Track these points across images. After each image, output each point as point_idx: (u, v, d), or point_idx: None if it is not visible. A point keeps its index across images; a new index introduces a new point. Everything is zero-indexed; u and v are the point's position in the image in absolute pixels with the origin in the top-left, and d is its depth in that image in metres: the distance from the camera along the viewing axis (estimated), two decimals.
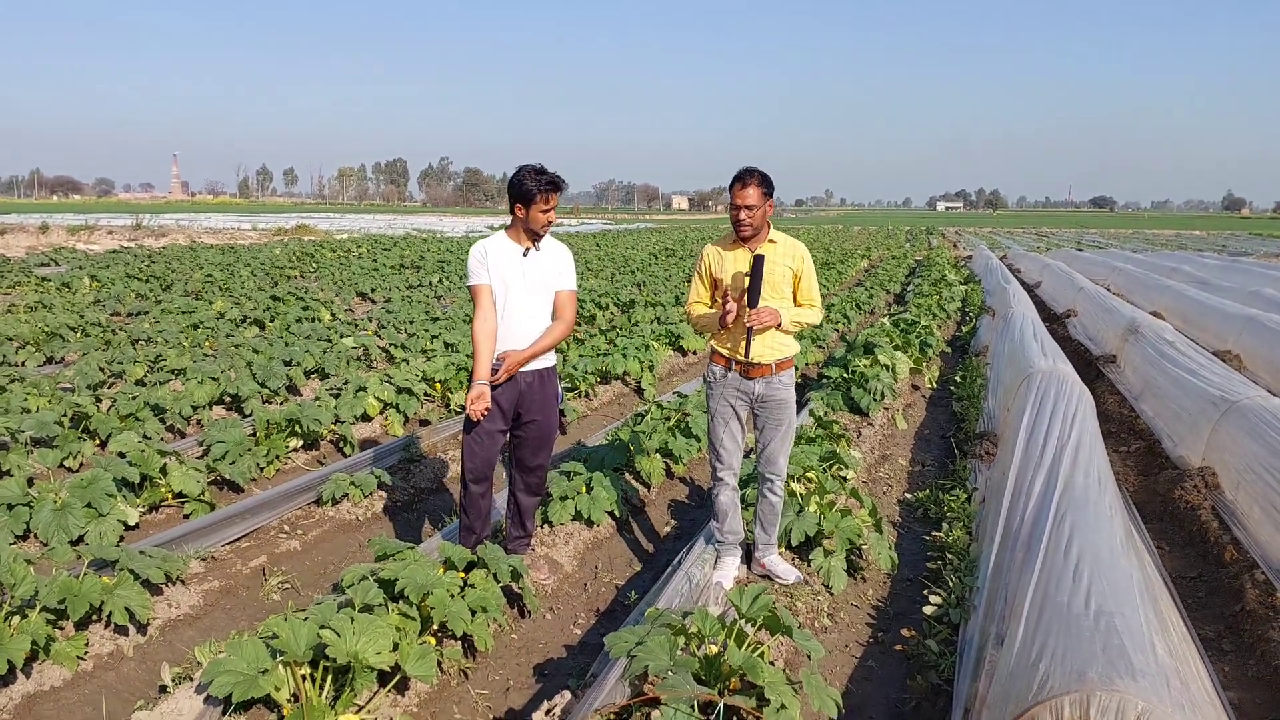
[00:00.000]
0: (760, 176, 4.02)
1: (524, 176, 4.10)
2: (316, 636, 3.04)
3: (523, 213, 4.13)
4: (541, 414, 4.37)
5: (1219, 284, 17.32)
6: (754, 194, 3.99)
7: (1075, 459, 4.77)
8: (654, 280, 19.61)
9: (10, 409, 6.44)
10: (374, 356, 9.87)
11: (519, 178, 4.11)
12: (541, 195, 4.09)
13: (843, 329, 13.49)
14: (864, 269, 28.05)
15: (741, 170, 4.04)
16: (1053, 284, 18.90)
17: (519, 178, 4.11)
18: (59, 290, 15.51)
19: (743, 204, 3.99)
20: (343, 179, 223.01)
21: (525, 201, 4.10)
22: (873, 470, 6.71)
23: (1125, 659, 2.68)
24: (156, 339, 10.20)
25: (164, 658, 3.75)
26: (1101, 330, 11.81)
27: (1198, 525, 5.39)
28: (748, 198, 3.99)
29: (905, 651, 4.05)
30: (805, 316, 4.20)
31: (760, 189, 4.01)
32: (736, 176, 4.04)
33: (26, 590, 3.49)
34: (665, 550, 5.28)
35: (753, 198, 3.99)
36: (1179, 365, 7.68)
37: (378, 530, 5.45)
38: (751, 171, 4.03)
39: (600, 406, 8.64)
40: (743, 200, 3.99)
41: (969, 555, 4.71)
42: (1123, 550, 3.72)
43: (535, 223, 4.15)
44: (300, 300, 13.68)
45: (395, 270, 21.76)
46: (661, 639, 3.03)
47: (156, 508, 5.38)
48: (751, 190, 3.99)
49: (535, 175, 4.09)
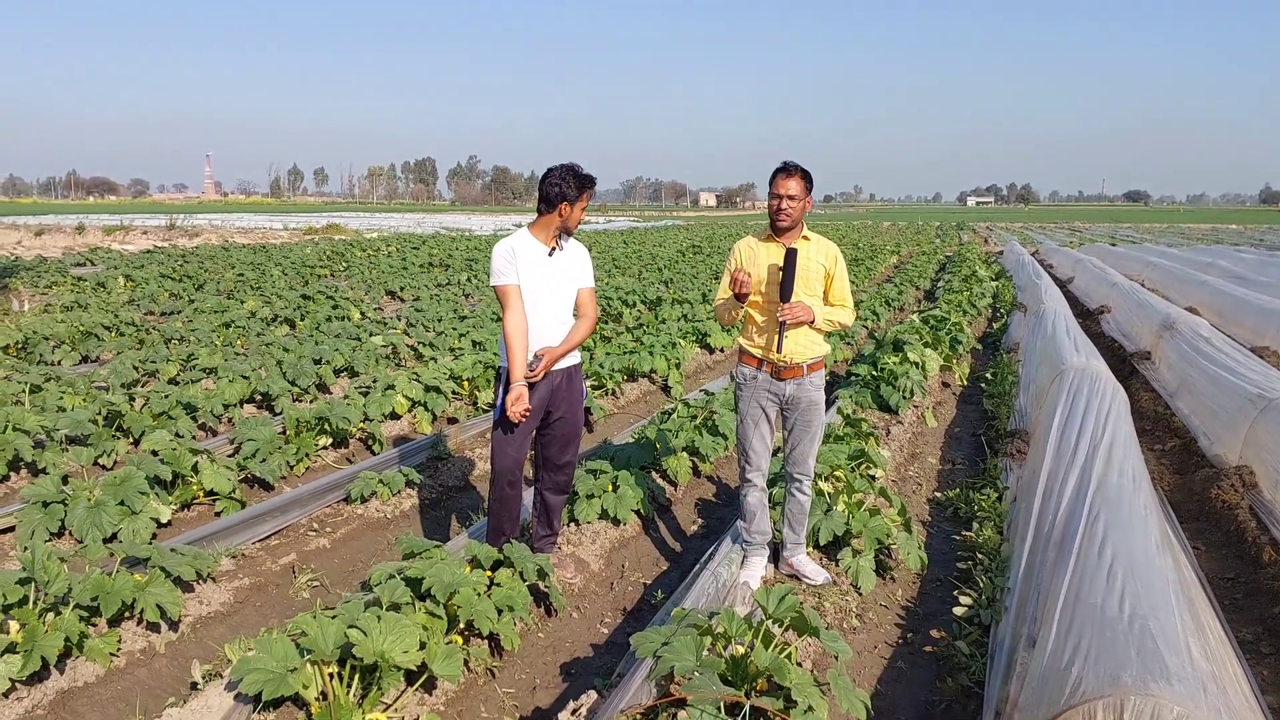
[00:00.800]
0: (803, 171, 4.03)
1: (564, 175, 4.12)
2: (344, 635, 3.05)
3: (567, 210, 4.16)
4: (569, 411, 4.40)
5: (1256, 279, 17.03)
6: (796, 185, 3.99)
7: (1109, 458, 4.70)
8: (681, 278, 19.57)
9: (46, 407, 6.53)
10: (402, 355, 9.93)
11: (558, 177, 4.13)
12: (583, 194, 4.15)
13: (872, 325, 13.39)
14: (893, 265, 27.86)
15: (785, 162, 4.05)
16: (1085, 280, 18.65)
17: (558, 177, 4.13)
18: (94, 290, 15.74)
19: (785, 194, 3.98)
20: (372, 178, 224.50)
21: (567, 200, 4.13)
22: (902, 469, 6.65)
23: (1160, 662, 2.63)
24: (189, 338, 10.33)
25: (195, 654, 3.79)
26: (1135, 326, 11.63)
27: (1235, 525, 5.29)
28: (790, 188, 3.98)
29: (935, 653, 4.00)
30: (838, 316, 4.15)
31: (803, 182, 4.01)
32: (780, 167, 4.04)
33: (60, 587, 3.54)
34: (692, 549, 5.26)
35: (795, 189, 3.98)
36: (1215, 362, 7.54)
37: (405, 528, 5.48)
38: (795, 164, 4.04)
39: (627, 404, 8.63)
40: (785, 190, 3.98)
41: (1000, 555, 4.65)
42: (1158, 551, 3.66)
43: (572, 221, 4.20)
44: (330, 299, 13.79)
45: (424, 269, 21.89)
46: (687, 639, 3.01)
47: (188, 505, 5.44)
48: (794, 182, 3.99)
49: (574, 174, 4.13)
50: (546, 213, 4.18)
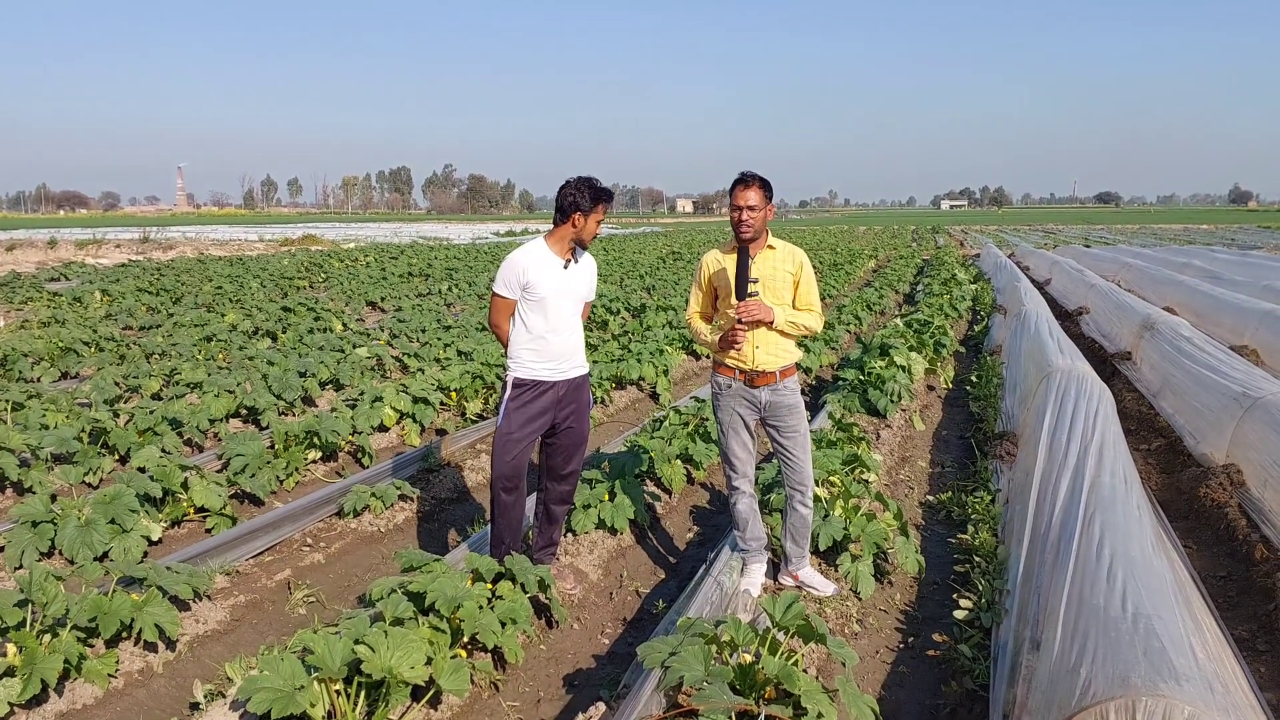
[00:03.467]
0: (761, 180, 4.07)
1: (579, 187, 4.16)
2: (351, 652, 3.03)
3: (580, 221, 4.19)
4: (577, 420, 4.43)
5: (1232, 278, 17.24)
6: (755, 195, 4.02)
7: (1100, 458, 4.74)
8: (663, 284, 19.59)
9: (29, 425, 6.44)
10: (388, 366, 9.88)
11: (573, 188, 4.17)
12: (597, 206, 4.19)
13: (855, 330, 13.46)
14: (871, 269, 28.01)
15: (742, 173, 4.09)
16: (1063, 281, 18.83)
17: (573, 188, 4.17)
18: (70, 305, 15.54)
19: (744, 204, 4.01)
20: (347, 188, 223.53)
21: (580, 210, 4.17)
22: (893, 473, 6.68)
23: (1167, 662, 2.66)
24: (170, 352, 10.23)
25: (194, 674, 3.75)
26: (1115, 327, 11.75)
27: (1225, 523, 5.35)
28: (749, 199, 4.01)
29: (937, 657, 4.02)
30: (802, 319, 4.16)
31: (761, 191, 4.04)
32: (738, 179, 4.08)
33: (58, 609, 3.49)
34: (689, 557, 5.26)
35: (754, 199, 4.01)
36: (1198, 361, 7.63)
37: (400, 542, 5.44)
38: (753, 175, 4.07)
39: (616, 413, 8.62)
40: (744, 201, 4.01)
41: (997, 558, 4.68)
42: (1154, 551, 3.70)
43: (586, 233, 4.24)
44: (311, 311, 13.71)
45: (404, 279, 21.79)
46: (695, 649, 3.01)
47: (179, 522, 5.39)
48: (753, 192, 4.02)
49: (590, 186, 4.18)
50: (561, 223, 4.22)
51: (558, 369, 4.29)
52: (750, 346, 4.11)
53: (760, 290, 4.07)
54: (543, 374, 4.26)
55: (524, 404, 4.26)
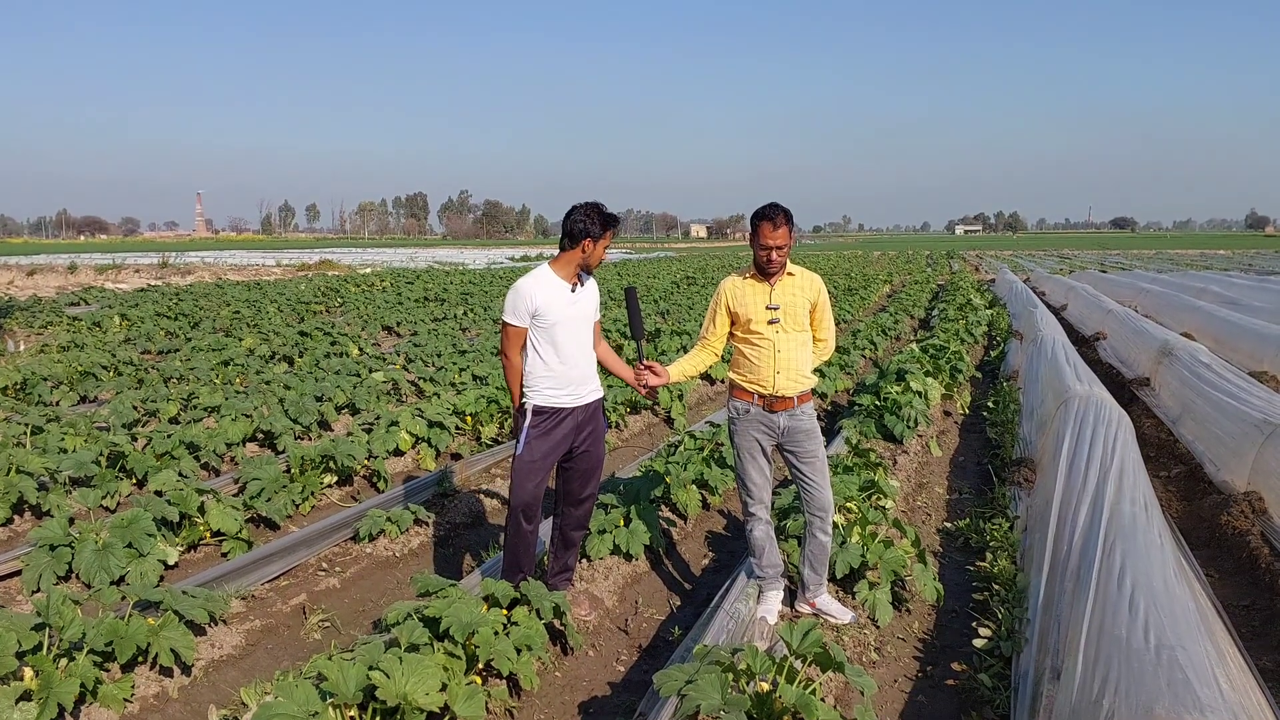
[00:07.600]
0: (786, 215, 4.07)
1: (588, 212, 4.19)
2: (366, 678, 3.02)
3: (590, 247, 4.22)
4: (593, 444, 4.45)
5: (1250, 304, 17.13)
6: (783, 235, 4.03)
7: (1120, 485, 4.69)
8: (678, 309, 19.61)
9: (48, 449, 6.48)
10: (403, 390, 9.90)
11: (583, 214, 4.19)
12: (606, 232, 4.22)
13: (870, 354, 13.42)
14: (886, 294, 27.98)
15: (769, 208, 4.05)
16: (1079, 306, 18.75)
17: (583, 214, 4.19)
18: (90, 329, 15.70)
19: (774, 244, 4.02)
20: (364, 214, 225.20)
21: (590, 236, 4.19)
22: (910, 499, 6.64)
23: (1192, 694, 2.62)
24: (188, 376, 10.30)
25: (209, 699, 3.75)
26: (1133, 353, 11.68)
27: (1247, 552, 5.29)
28: (778, 239, 4.02)
29: (957, 686, 3.97)
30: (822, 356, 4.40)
31: (787, 227, 4.05)
32: (765, 216, 4.03)
33: (75, 633, 3.50)
34: (704, 584, 5.23)
35: (782, 238, 4.03)
36: (1217, 388, 7.57)
37: (415, 566, 5.44)
38: (779, 209, 4.05)
39: (630, 437, 8.61)
40: (773, 241, 4.02)
41: (1016, 586, 4.63)
42: (1176, 579, 3.65)
43: (594, 259, 4.27)
44: (328, 335, 13.78)
45: (419, 303, 21.90)
46: (712, 677, 2.99)
47: (195, 546, 5.40)
48: (782, 232, 4.02)
49: (599, 212, 4.21)
50: (569, 248, 4.23)
51: (576, 395, 4.31)
52: (771, 372, 4.12)
53: (781, 317, 4.11)
54: (563, 400, 4.29)
55: (545, 431, 4.27)
